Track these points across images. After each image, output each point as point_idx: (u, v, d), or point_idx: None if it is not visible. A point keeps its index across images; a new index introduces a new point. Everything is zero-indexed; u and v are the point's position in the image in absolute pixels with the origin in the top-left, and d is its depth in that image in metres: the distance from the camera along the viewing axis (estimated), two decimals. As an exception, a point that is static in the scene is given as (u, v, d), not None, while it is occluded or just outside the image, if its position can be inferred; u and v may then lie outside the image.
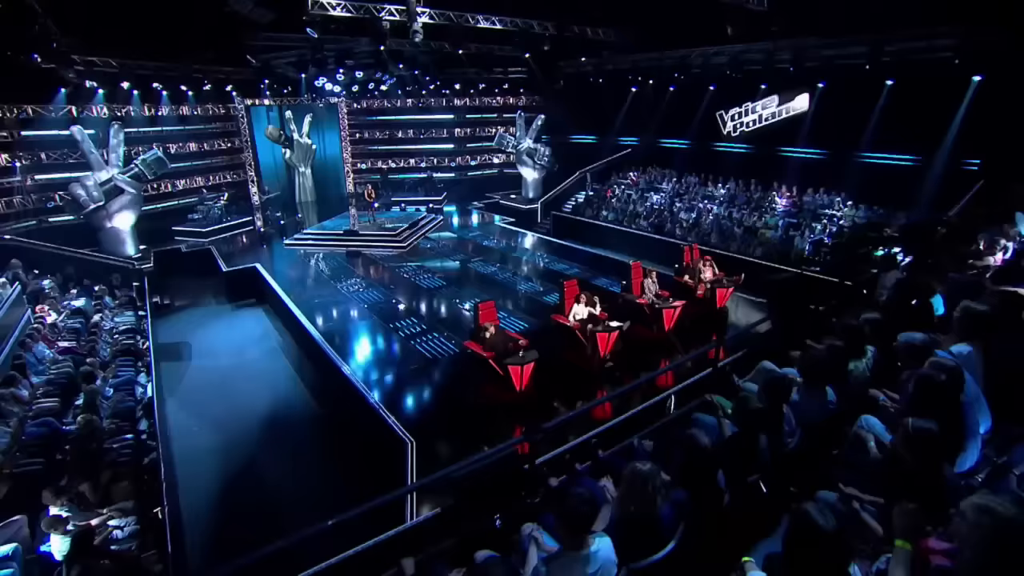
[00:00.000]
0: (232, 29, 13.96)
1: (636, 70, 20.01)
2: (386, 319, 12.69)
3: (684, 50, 18.28)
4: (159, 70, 17.14)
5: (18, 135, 16.81)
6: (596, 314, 9.99)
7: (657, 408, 6.49)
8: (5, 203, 16.73)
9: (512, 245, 19.16)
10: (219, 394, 10.91)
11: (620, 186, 22.03)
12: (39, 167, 17.09)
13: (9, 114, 16.51)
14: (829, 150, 16.78)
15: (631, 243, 18.14)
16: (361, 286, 14.92)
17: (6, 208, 16.68)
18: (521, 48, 17.49)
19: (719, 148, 20.39)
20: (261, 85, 19.13)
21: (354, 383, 9.61)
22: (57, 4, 13.29)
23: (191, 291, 16.17)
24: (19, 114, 16.63)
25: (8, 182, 16.80)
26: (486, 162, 27.48)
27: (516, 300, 13.86)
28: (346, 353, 11.00)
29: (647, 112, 21.62)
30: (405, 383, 9.86)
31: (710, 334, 11.08)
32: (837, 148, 16.40)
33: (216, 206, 19.97)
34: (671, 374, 8.43)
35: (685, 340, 10.75)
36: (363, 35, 13.64)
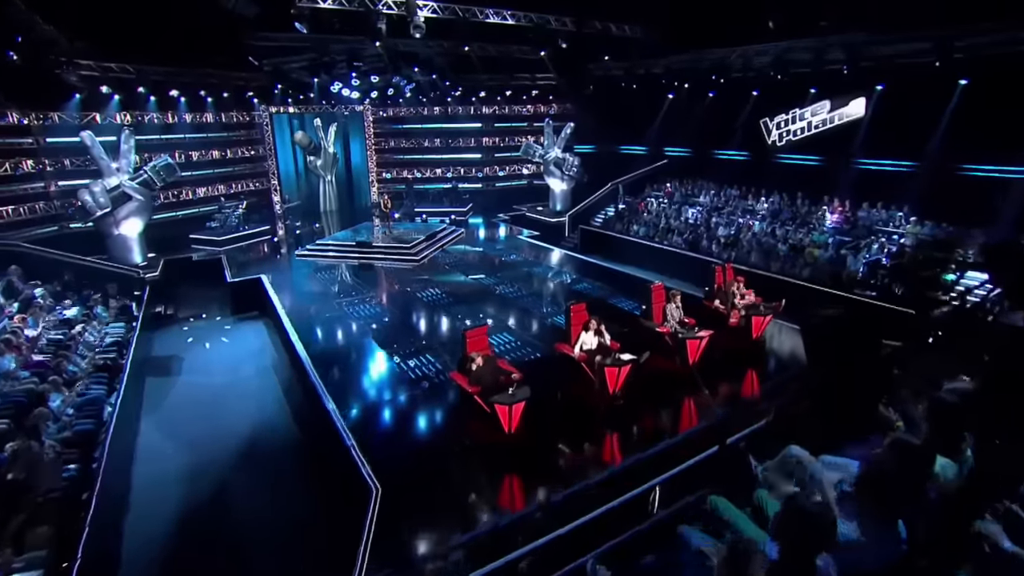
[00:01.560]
0: (232, 30, 13.45)
1: (670, 73, 18.60)
2: (381, 339, 11.71)
3: (722, 49, 16.77)
4: (175, 76, 16.88)
5: (43, 142, 16.81)
6: (607, 344, 8.69)
7: (639, 504, 5.16)
8: (28, 209, 16.74)
9: (534, 261, 17.98)
10: (201, 414, 10.21)
11: (654, 199, 20.60)
12: (63, 173, 17.07)
13: (37, 121, 16.54)
14: (888, 160, 14.96)
15: (663, 261, 16.75)
16: (364, 301, 14.02)
17: (29, 214, 16.67)
18: (536, 45, 16.22)
19: (763, 159, 18.77)
20: (275, 90, 18.70)
21: (329, 411, 8.61)
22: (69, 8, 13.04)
23: (197, 302, 15.65)
24: (44, 120, 16.64)
25: (30, 188, 16.81)
26: (515, 172, 26.47)
27: (528, 323, 12.66)
28: (330, 376, 10.05)
29: (684, 120, 20.18)
30: (383, 414, 8.81)
31: (743, 371, 9.66)
32: (898, 158, 14.60)
33: (234, 214, 19.61)
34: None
35: (711, 376, 9.30)
36: (358, 32, 12.79)
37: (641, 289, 14.40)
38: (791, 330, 11.15)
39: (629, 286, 14.76)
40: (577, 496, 6.50)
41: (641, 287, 14.57)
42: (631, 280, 15.11)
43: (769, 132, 18.49)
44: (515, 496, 7.30)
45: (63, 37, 12.61)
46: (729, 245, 16.12)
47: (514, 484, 7.45)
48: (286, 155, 23.40)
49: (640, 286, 14.64)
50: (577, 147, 22.82)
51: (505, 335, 11.72)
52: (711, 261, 14.78)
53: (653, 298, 9.80)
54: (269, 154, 22.53)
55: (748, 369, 9.86)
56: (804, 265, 14.23)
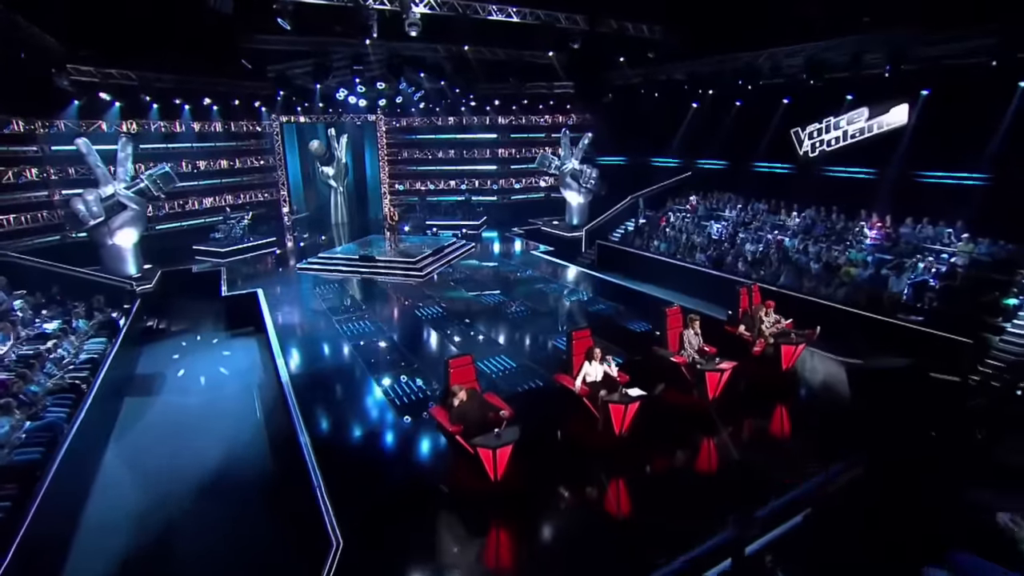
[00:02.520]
0: (227, 32, 12.92)
1: (695, 79, 17.53)
2: (371, 360, 10.82)
3: (749, 53, 15.68)
4: (180, 83, 16.49)
5: (48, 150, 16.55)
6: (613, 376, 7.64)
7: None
8: (31, 218, 16.44)
9: (547, 277, 16.99)
10: (173, 439, 9.50)
11: (676, 213, 19.46)
12: (67, 182, 16.76)
13: (43, 129, 16.29)
14: (936, 172, 13.65)
15: (685, 280, 15.62)
16: (360, 318, 13.19)
17: (31, 223, 16.37)
18: (546, 47, 15.22)
19: (793, 171, 17.58)
20: (277, 98, 18.20)
21: (301, 445, 7.74)
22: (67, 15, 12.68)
23: (191, 316, 15.06)
24: (49, 128, 16.38)
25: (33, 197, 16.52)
26: (532, 185, 25.64)
27: (531, 347, 11.64)
28: (310, 402, 9.19)
29: (709, 130, 19.09)
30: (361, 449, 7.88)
31: (770, 407, 8.50)
32: (946, 169, 13.30)
33: (238, 226, 19.12)
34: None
35: (734, 414, 8.16)
36: (349, 29, 12.06)
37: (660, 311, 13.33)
38: (827, 360, 9.92)
39: (647, 307, 13.66)
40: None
41: (659, 309, 13.49)
42: (649, 300, 14.01)
43: (800, 142, 17.32)
44: (500, 555, 6.29)
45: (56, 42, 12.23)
46: (756, 263, 14.91)
47: (500, 540, 6.44)
48: (295, 165, 22.95)
49: (659, 307, 13.53)
50: (597, 159, 21.87)
51: (503, 359, 10.74)
52: (737, 281, 13.68)
53: (668, 323, 8.71)
54: (279, 164, 22.12)
55: (776, 405, 8.69)
56: (839, 285, 12.95)
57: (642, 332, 12.14)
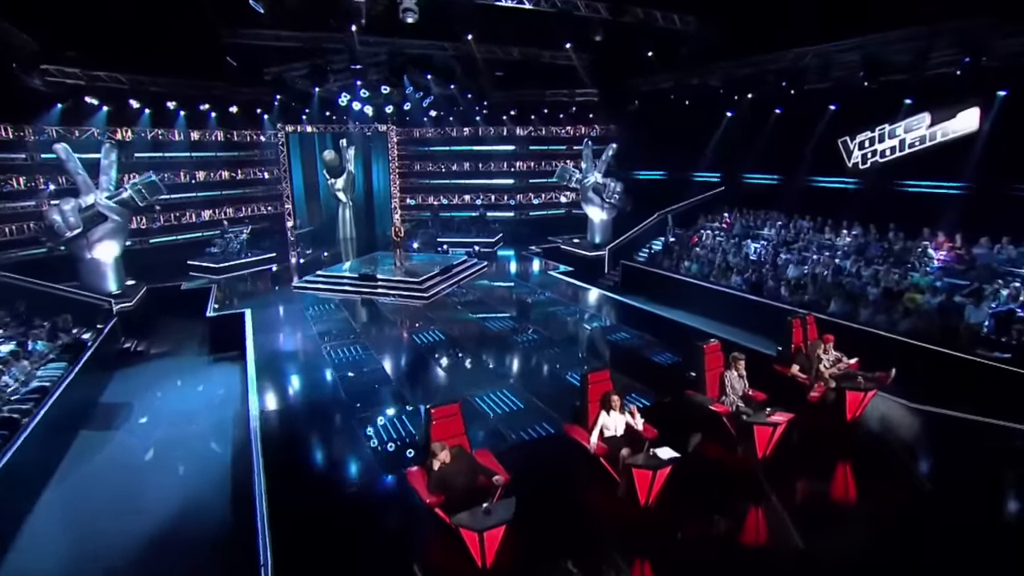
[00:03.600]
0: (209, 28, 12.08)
1: (731, 83, 16.16)
2: (354, 395, 9.54)
3: (795, 49, 14.24)
4: (173, 87, 15.73)
5: (38, 158, 15.88)
6: (637, 429, 6.23)
7: None
8: (16, 229, 15.73)
9: (565, 301, 15.62)
10: (125, 481, 8.45)
11: (710, 231, 18.02)
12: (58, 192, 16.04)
13: (33, 136, 15.63)
14: (1016, 184, 12.03)
15: (718, 305, 14.16)
16: (351, 344, 11.97)
17: (16, 234, 15.66)
18: (563, 36, 13.86)
19: (841, 185, 16.07)
20: (274, 103, 17.36)
21: (255, 500, 6.48)
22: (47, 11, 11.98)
23: (174, 337, 14.07)
24: (39, 136, 15.72)
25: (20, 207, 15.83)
26: (552, 200, 24.38)
27: (542, 382, 10.24)
28: (277, 446, 7.95)
29: (746, 141, 17.69)
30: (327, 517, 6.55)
31: (831, 468, 6.97)
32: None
33: (236, 240, 18.22)
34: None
35: (787, 477, 6.64)
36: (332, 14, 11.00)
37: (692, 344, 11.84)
38: (899, 407, 8.32)
39: (676, 336, 12.18)
40: None
41: (691, 339, 12.01)
42: (679, 329, 12.55)
43: (849, 153, 15.84)
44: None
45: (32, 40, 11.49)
46: (801, 287, 13.34)
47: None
48: (300, 178, 22.13)
49: (689, 337, 12.07)
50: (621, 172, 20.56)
51: (507, 396, 9.38)
52: (785, 309, 12.21)
53: (706, 362, 7.26)
54: (283, 176, 21.30)
55: (840, 464, 7.14)
56: (903, 314, 11.33)
57: (671, 366, 10.66)
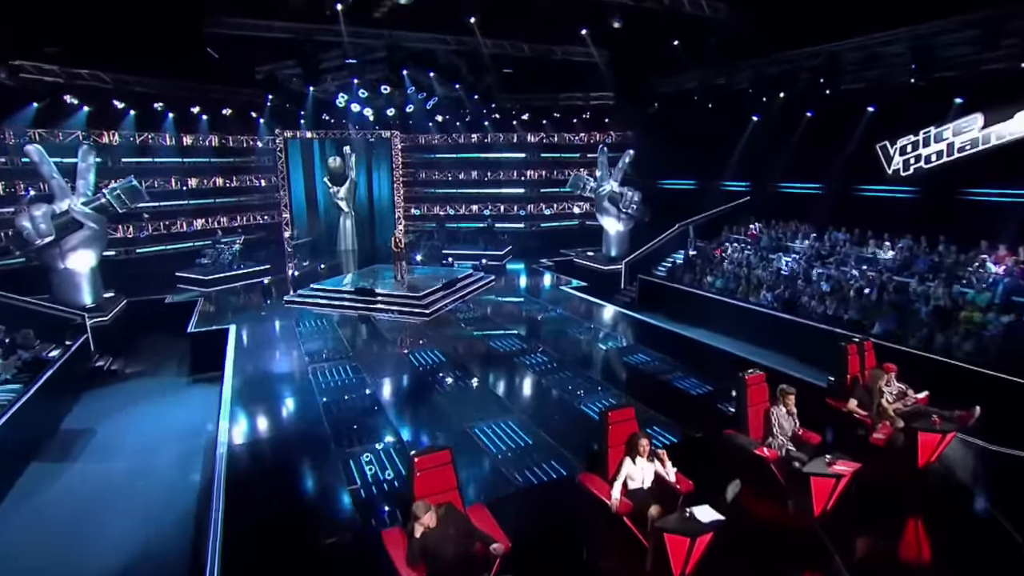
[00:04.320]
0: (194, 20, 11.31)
1: (760, 82, 15.16)
2: (337, 425, 8.52)
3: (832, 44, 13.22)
4: (162, 88, 15.03)
5: (19, 162, 15.20)
6: (669, 480, 5.16)
7: None
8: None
9: (579, 318, 14.56)
10: (75, 522, 7.47)
11: (734, 244, 16.94)
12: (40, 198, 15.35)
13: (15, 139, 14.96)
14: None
15: (746, 324, 13.20)
16: (341, 365, 10.97)
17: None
18: (577, 20, 12.82)
19: (880, 193, 15.00)
20: (267, 103, 16.62)
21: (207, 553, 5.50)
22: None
23: (154, 355, 13.24)
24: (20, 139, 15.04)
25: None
26: (564, 211, 23.51)
27: (553, 412, 9.16)
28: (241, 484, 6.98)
29: (775, 146, 16.66)
30: None
31: (900, 525, 5.84)
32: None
33: (228, 251, 17.42)
34: None
35: (848, 536, 5.53)
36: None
37: (719, 365, 10.77)
38: (981, 452, 7.11)
39: (703, 359, 11.10)
40: None
41: (719, 362, 10.94)
42: (706, 351, 11.46)
43: (890, 159, 14.75)
44: None
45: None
46: (839, 303, 12.20)
47: None
48: (300, 186, 21.43)
49: (717, 360, 11.00)
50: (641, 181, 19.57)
51: (513, 429, 8.33)
52: (823, 331, 11.20)
53: (749, 396, 6.16)
54: (281, 184, 20.60)
55: (911, 521, 6.00)
56: (963, 337, 10.17)
57: (701, 396, 9.55)
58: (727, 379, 9.91)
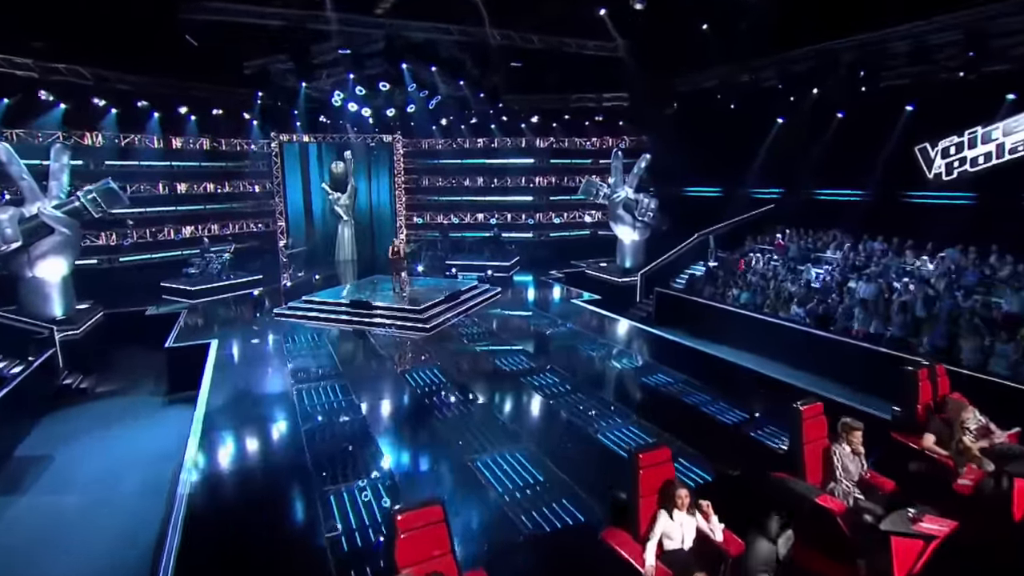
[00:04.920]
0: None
1: (787, 77, 14.30)
2: (318, 457, 7.57)
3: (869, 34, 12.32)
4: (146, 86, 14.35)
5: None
6: (715, 539, 4.20)
7: None
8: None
9: (592, 334, 13.60)
10: (14, 565, 6.60)
11: (759, 254, 16.01)
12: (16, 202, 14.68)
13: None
14: None
15: (776, 341, 12.21)
16: (328, 387, 10.05)
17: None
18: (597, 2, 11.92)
19: (919, 200, 14.08)
20: (256, 101, 15.90)
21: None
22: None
23: (129, 371, 12.44)
24: (1, 138, 14.41)
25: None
26: (575, 220, 22.70)
27: (565, 443, 8.18)
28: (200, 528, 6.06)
29: (801, 149, 15.77)
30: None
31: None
32: None
33: (217, 260, 16.64)
34: None
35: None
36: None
37: (751, 388, 9.77)
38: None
39: (731, 381, 10.10)
40: None
41: (750, 384, 9.95)
42: (734, 372, 10.47)
43: (930, 162, 13.86)
44: None
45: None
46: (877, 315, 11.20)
47: None
48: (296, 192, 20.73)
49: (748, 383, 10.01)
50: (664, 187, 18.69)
51: (521, 464, 7.36)
52: (854, 346, 10.32)
53: (804, 431, 5.18)
54: (277, 191, 19.88)
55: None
56: None
57: (733, 425, 8.54)
58: (762, 405, 9.00)
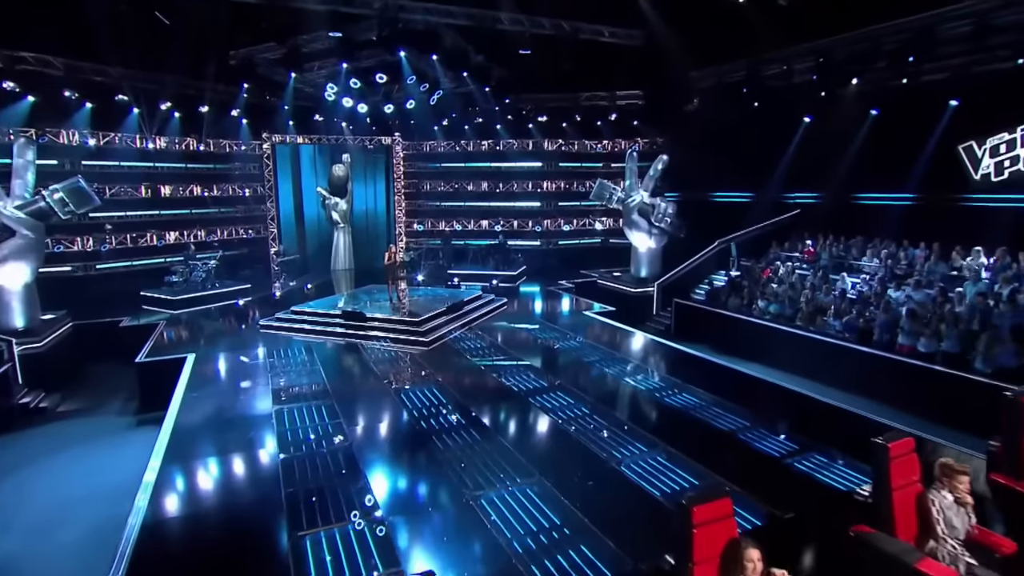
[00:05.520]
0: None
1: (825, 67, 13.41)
2: (295, 494, 6.59)
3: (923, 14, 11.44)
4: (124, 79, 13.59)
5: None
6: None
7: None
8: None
9: (605, 349, 12.62)
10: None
11: (786, 262, 15.08)
12: None
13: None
14: None
15: (812, 359, 11.26)
16: (316, 407, 9.11)
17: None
18: None
19: (963, 202, 13.13)
20: (242, 94, 15.10)
21: None
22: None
23: (98, 389, 11.57)
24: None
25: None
26: (585, 227, 21.91)
27: (582, 475, 7.17)
28: None
29: (836, 150, 14.87)
30: None
31: None
32: None
33: (203, 267, 15.80)
34: None
35: None
36: None
37: (793, 411, 8.79)
38: None
39: (769, 404, 9.10)
40: None
41: (791, 407, 8.96)
42: (772, 393, 9.47)
43: (977, 162, 12.94)
44: None
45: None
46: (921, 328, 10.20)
47: None
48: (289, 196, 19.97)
49: (788, 404, 9.02)
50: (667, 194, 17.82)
51: (532, 501, 6.38)
52: (921, 367, 9.31)
53: (892, 475, 4.20)
54: (269, 195, 19.08)
55: None
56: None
57: (779, 456, 7.54)
58: (809, 432, 7.99)
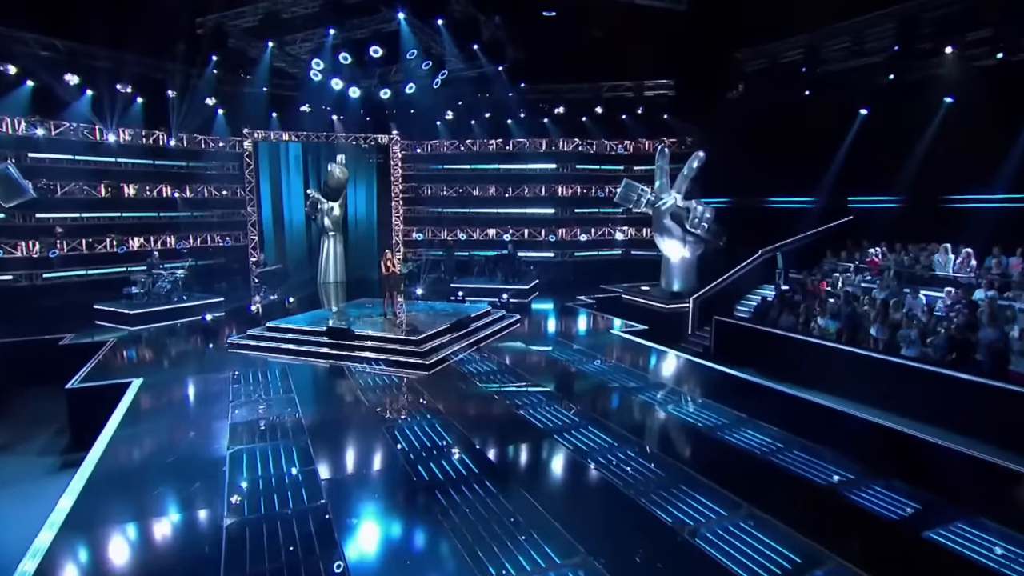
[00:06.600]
0: None
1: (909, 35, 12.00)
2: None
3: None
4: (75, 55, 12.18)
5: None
6: None
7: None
8: None
9: (634, 373, 10.94)
10: None
11: (844, 274, 13.53)
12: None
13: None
14: None
15: (889, 387, 9.64)
16: (282, 446, 7.41)
17: None
18: None
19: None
20: (212, 70, 13.61)
21: None
22: None
23: (23, 420, 9.97)
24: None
25: None
26: (604, 238, 20.70)
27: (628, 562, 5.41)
28: None
29: (905, 143, 13.40)
30: None
31: None
32: None
33: (167, 278, 14.26)
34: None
35: None
36: None
37: (888, 452, 7.14)
38: None
39: (857, 444, 7.40)
40: None
41: (883, 446, 7.31)
42: (868, 429, 7.79)
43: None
44: None
45: None
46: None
47: None
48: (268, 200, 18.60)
49: (877, 443, 7.36)
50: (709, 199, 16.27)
51: None
52: None
53: None
54: (250, 198, 17.66)
55: None
56: None
57: (880, 511, 5.82)
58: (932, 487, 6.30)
